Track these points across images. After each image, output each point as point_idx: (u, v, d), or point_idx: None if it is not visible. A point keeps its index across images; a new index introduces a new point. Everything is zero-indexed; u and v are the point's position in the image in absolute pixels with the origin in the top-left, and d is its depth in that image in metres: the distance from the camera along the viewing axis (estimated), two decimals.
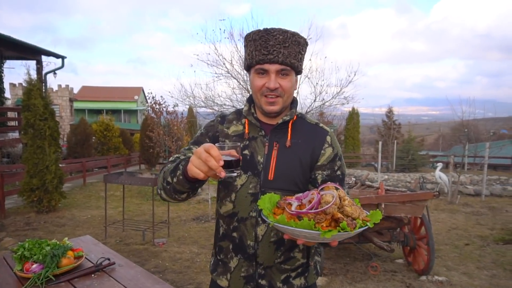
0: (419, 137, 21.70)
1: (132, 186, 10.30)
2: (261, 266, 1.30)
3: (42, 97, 6.69)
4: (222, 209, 1.35)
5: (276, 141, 1.31)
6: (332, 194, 0.99)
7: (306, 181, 1.31)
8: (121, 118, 35.64)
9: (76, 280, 1.77)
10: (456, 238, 5.69)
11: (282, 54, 1.21)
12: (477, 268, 4.42)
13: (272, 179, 1.27)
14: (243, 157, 1.30)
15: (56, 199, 6.76)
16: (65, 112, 29.11)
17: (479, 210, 7.86)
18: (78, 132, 15.04)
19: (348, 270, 4.27)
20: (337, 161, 1.33)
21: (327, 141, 1.33)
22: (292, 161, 1.29)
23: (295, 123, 1.35)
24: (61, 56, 12.67)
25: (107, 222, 5.54)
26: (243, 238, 1.30)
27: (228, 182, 1.32)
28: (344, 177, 1.37)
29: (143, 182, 5.17)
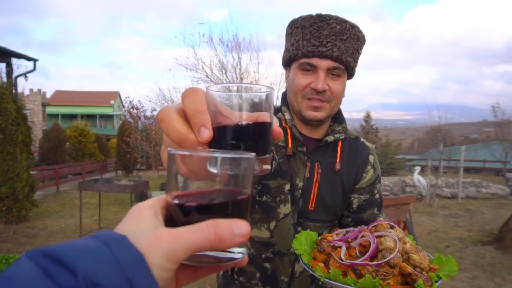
0: (396, 141, 22.20)
1: (109, 193, 9.96)
2: None
3: (15, 101, 6.36)
4: (253, 232, 1.11)
5: (319, 161, 1.07)
6: (393, 238, 0.77)
7: (344, 207, 1.14)
8: (97, 123, 34.74)
9: None
10: (437, 241, 5.76)
11: (337, 48, 0.96)
12: (458, 270, 4.43)
13: (312, 208, 1.07)
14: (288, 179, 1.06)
15: (27, 208, 6.41)
16: (37, 117, 28.06)
17: (456, 212, 8.03)
18: (51, 138, 14.47)
19: None
20: (377, 184, 1.15)
21: (370, 162, 1.14)
22: (336, 187, 1.09)
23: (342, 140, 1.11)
24: (32, 58, 12.20)
25: (82, 231, 5.28)
26: (276, 272, 1.12)
27: (269, 205, 1.06)
28: (382, 201, 1.17)
29: (120, 189, 4.98)
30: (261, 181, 1.07)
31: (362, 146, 1.15)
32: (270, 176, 1.07)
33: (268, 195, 1.07)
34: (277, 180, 1.06)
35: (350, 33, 0.98)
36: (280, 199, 1.06)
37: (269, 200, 1.07)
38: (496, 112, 16.49)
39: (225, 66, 10.85)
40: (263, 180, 1.07)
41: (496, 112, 16.49)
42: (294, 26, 1.02)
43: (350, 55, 0.99)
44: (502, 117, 16.34)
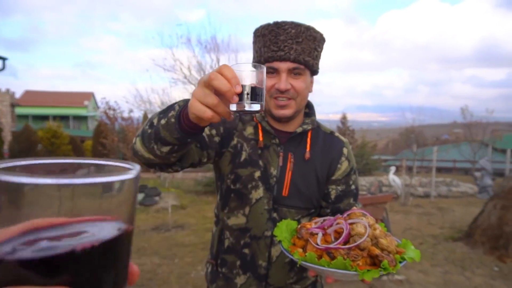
0: (371, 142, 22.74)
1: None
2: (271, 286, 1.20)
3: None
4: (231, 221, 1.20)
5: (292, 151, 1.17)
6: (364, 224, 0.86)
7: (320, 196, 1.22)
8: (70, 125, 33.70)
9: None
10: (411, 238, 5.97)
11: (294, 51, 1.05)
12: (431, 265, 4.66)
13: (286, 195, 1.15)
14: (260, 168, 1.16)
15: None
16: (5, 118, 26.93)
17: (429, 210, 8.35)
18: (22, 140, 13.98)
19: None
20: (352, 175, 1.23)
21: (344, 154, 1.22)
22: (309, 175, 1.17)
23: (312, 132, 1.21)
24: (1, 57, 11.78)
25: None
26: (254, 257, 1.18)
27: (243, 193, 1.15)
28: (358, 191, 1.27)
29: None
30: (233, 170, 1.17)
31: (336, 140, 1.25)
32: (241, 166, 1.16)
33: (239, 182, 1.17)
34: (248, 169, 1.16)
35: (306, 35, 1.07)
36: (252, 185, 1.15)
37: (241, 187, 1.17)
38: (465, 114, 17.24)
39: (204, 67, 10.83)
40: (234, 169, 1.17)
41: (465, 114, 17.24)
42: (256, 35, 1.12)
43: (307, 54, 1.08)
44: (470, 119, 17.10)
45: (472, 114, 17.00)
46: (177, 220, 7.23)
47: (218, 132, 1.16)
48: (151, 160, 0.99)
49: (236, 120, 1.22)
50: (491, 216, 5.24)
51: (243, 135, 1.19)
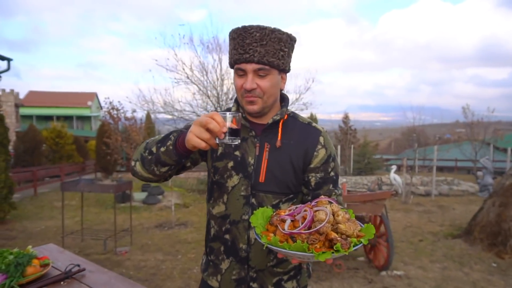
0: (374, 142, 22.77)
1: (89, 195, 9.83)
2: (253, 269, 1.28)
3: None
4: (215, 210, 1.31)
5: (267, 141, 1.26)
6: (325, 211, 0.96)
7: (299, 184, 1.28)
8: (74, 125, 33.88)
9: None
10: (411, 235, 6.04)
11: (258, 53, 1.14)
12: (430, 261, 4.73)
13: (263, 181, 1.23)
14: (234, 159, 1.27)
15: (5, 210, 6.30)
16: (10, 118, 27.08)
17: (430, 208, 8.41)
18: (27, 140, 14.09)
19: (313, 269, 4.39)
20: (330, 163, 1.29)
21: (320, 142, 1.28)
22: (284, 162, 1.24)
23: (286, 122, 1.29)
24: (6, 58, 11.87)
25: (65, 232, 5.26)
26: (235, 241, 1.27)
27: (220, 183, 1.27)
28: (338, 178, 1.33)
29: (103, 189, 4.99)
30: (213, 164, 1.30)
31: (312, 129, 1.31)
32: (218, 159, 1.29)
33: (218, 174, 1.29)
34: (223, 161, 1.28)
35: (270, 37, 1.15)
36: (227, 175, 1.27)
37: (219, 178, 1.29)
38: (467, 113, 17.24)
39: (206, 67, 10.90)
40: (213, 163, 1.30)
41: (466, 114, 17.24)
42: (229, 38, 1.22)
43: (272, 56, 1.16)
44: (472, 118, 17.09)
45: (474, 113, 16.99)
46: (180, 218, 7.33)
47: None
48: (149, 179, 1.23)
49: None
50: (490, 213, 5.30)
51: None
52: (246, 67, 1.16)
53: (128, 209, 7.83)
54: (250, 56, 1.14)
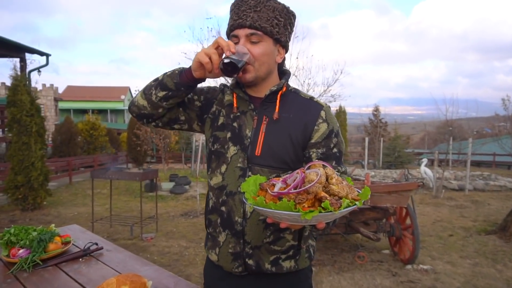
0: (405, 135, 22.02)
1: (120, 184, 10.20)
2: (249, 245, 1.25)
3: (29, 93, 6.57)
4: (213, 181, 1.30)
5: (266, 114, 1.24)
6: (316, 172, 0.92)
7: (298, 160, 1.24)
8: (108, 118, 35.17)
9: (63, 264, 1.76)
10: (441, 230, 5.81)
11: (251, 18, 1.14)
12: (460, 257, 4.53)
13: (259, 154, 1.21)
14: (232, 130, 1.26)
15: (41, 196, 6.65)
16: (49, 112, 28.54)
17: (462, 203, 8.04)
18: (63, 131, 14.79)
19: (335, 260, 4.33)
20: (333, 138, 1.24)
21: (321, 116, 1.24)
22: (281, 136, 1.21)
23: (286, 95, 1.27)
24: (45, 53, 12.42)
25: (94, 218, 5.49)
26: (231, 213, 1.25)
27: (220, 152, 1.26)
28: (342, 155, 1.28)
29: (130, 176, 5.14)
30: (212, 133, 1.30)
31: (314, 104, 1.28)
32: (218, 129, 1.29)
33: (218, 143, 1.28)
34: (224, 132, 1.28)
35: (265, 5, 1.17)
36: (227, 145, 1.26)
37: (219, 147, 1.28)
38: (507, 105, 16.25)
39: None
40: (213, 132, 1.29)
41: (506, 106, 16.25)
42: (229, 11, 1.24)
43: (265, 22, 1.16)
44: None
45: None
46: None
47: (199, 99, 1.33)
48: (143, 109, 1.23)
49: (217, 92, 1.36)
50: None
51: (222, 103, 1.31)
52: (238, 32, 1.17)
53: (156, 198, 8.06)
54: (243, 21, 1.15)
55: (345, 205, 0.84)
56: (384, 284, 3.68)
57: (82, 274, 1.66)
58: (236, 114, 1.27)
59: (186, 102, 1.31)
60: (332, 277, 3.83)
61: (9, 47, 11.38)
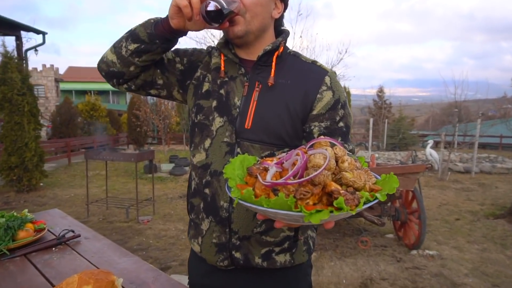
0: (409, 117, 21.67)
1: (119, 165, 10.06)
2: (236, 235, 1.06)
3: (20, 71, 6.33)
4: (196, 158, 1.11)
5: (259, 80, 1.04)
6: (324, 154, 0.69)
7: (297, 136, 1.05)
8: (110, 99, 34.94)
9: (33, 254, 1.58)
10: (447, 214, 5.63)
11: None
12: (468, 242, 4.36)
13: (249, 127, 1.01)
14: (218, 98, 1.06)
15: (36, 177, 6.50)
16: (50, 92, 28.33)
17: (469, 186, 7.84)
18: (63, 112, 14.60)
19: (337, 245, 4.16)
20: (339, 110, 1.03)
21: (325, 83, 1.03)
22: (277, 106, 1.01)
23: (283, 58, 1.07)
24: (41, 32, 12.08)
25: (90, 200, 5.34)
26: (215, 197, 1.06)
27: (204, 124, 1.07)
28: (349, 130, 1.07)
29: (125, 157, 4.96)
30: (196, 102, 1.10)
31: (317, 68, 1.07)
32: (203, 97, 1.09)
33: (201, 114, 1.09)
34: (209, 100, 1.08)
35: None
36: (212, 116, 1.07)
37: (203, 119, 1.09)
38: None
39: None
40: (197, 101, 1.10)
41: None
42: None
43: None
44: None
45: None
46: None
47: (182, 61, 1.14)
48: (112, 65, 1.04)
49: (203, 54, 1.15)
50: None
51: (208, 67, 1.12)
52: None
53: (156, 179, 7.90)
54: None
55: (364, 201, 0.62)
56: (388, 270, 3.52)
57: (51, 266, 1.48)
58: (224, 80, 1.07)
59: (166, 63, 1.11)
60: (334, 263, 3.67)
61: (4, 25, 11.05)
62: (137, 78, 1.08)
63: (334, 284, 3.21)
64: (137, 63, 1.02)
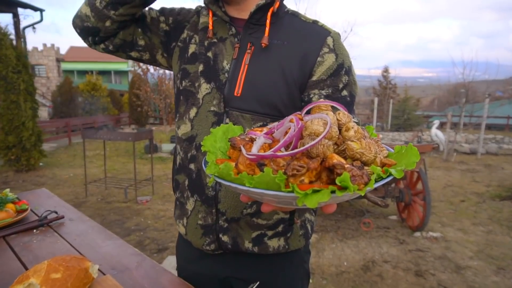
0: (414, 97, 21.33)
1: (120, 145, 9.98)
2: (224, 216, 0.95)
3: (14, 48, 6.15)
4: (181, 130, 1.00)
5: (251, 41, 0.91)
6: (324, 119, 0.55)
7: (293, 105, 0.92)
8: (112, 79, 34.67)
9: (13, 236, 1.48)
10: (452, 195, 5.52)
11: None
12: (473, 224, 4.26)
13: (239, 95, 0.89)
14: (205, 61, 0.94)
15: (35, 157, 6.42)
16: (52, 72, 28.11)
17: (474, 167, 7.70)
18: (63, 92, 14.47)
19: (339, 227, 4.07)
20: (342, 76, 0.89)
21: (327, 44, 0.89)
22: (271, 70, 0.88)
23: (280, 17, 0.93)
24: (39, 8, 11.78)
25: (90, 180, 5.27)
26: (201, 173, 0.96)
27: (190, 91, 0.96)
28: (354, 100, 0.93)
29: (123, 137, 4.84)
30: (181, 67, 0.99)
31: (318, 28, 0.93)
32: (189, 61, 0.97)
33: (187, 80, 0.97)
34: (195, 65, 0.96)
35: None
36: (199, 83, 0.95)
37: (188, 85, 0.97)
38: None
39: None
40: (182, 65, 0.99)
41: None
42: None
43: None
44: None
45: None
46: None
47: (167, 21, 1.02)
48: (86, 20, 0.94)
49: (191, 14, 1.03)
50: None
51: (195, 27, 1.00)
52: None
53: (156, 160, 7.82)
54: None
55: (375, 178, 0.49)
56: (391, 252, 3.43)
57: (30, 249, 1.37)
58: (212, 41, 0.95)
59: (148, 22, 1.00)
60: (335, 245, 3.59)
61: (0, 1, 10.79)
62: (115, 37, 0.97)
63: (335, 266, 3.13)
64: (113, 17, 0.91)
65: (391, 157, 0.57)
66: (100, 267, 1.22)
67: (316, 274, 2.99)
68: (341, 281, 2.88)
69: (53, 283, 0.92)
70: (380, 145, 0.57)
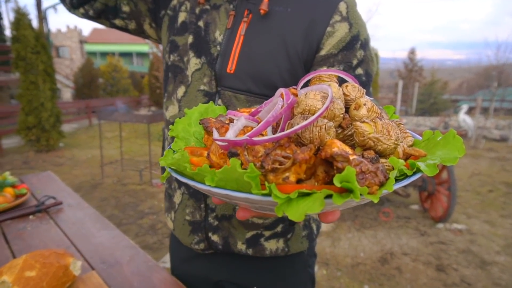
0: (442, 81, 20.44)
1: (139, 127, 10.04)
2: (214, 212, 0.84)
3: (32, 28, 6.15)
4: (168, 112, 0.88)
5: (249, 8, 0.76)
6: (323, 91, 0.41)
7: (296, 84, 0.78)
8: (133, 61, 34.96)
9: (8, 222, 1.43)
10: (479, 184, 5.23)
11: None
12: (501, 216, 4.01)
13: (232, 71, 0.75)
14: (195, 32, 0.80)
15: (54, 138, 6.51)
16: (75, 54, 28.56)
17: (505, 155, 7.29)
18: (85, 74, 14.63)
19: (357, 215, 3.92)
20: (357, 50, 0.73)
21: (339, 11, 0.72)
22: (271, 43, 0.74)
23: None
24: None
25: (106, 162, 5.29)
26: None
27: (178, 68, 0.84)
28: (370, 80, 0.77)
29: (137, 119, 4.79)
30: (169, 39, 0.86)
31: None
32: (177, 31, 0.84)
33: (175, 53, 0.84)
34: (184, 36, 0.82)
35: None
36: (188, 57, 0.81)
37: (177, 60, 0.83)
38: None
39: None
40: (171, 37, 0.86)
41: None
42: None
43: None
44: None
45: None
46: None
47: None
48: None
49: None
50: None
51: None
52: None
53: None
54: None
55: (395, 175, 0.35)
56: (411, 244, 3.26)
57: (22, 237, 1.31)
58: (204, 7, 0.81)
59: None
60: (352, 234, 3.45)
61: None
62: (96, 0, 0.86)
63: (351, 257, 3.00)
64: None
65: (418, 146, 0.43)
66: (90, 260, 1.13)
67: (331, 265, 2.87)
68: (356, 273, 2.75)
69: (26, 282, 0.83)
70: (403, 130, 0.43)
